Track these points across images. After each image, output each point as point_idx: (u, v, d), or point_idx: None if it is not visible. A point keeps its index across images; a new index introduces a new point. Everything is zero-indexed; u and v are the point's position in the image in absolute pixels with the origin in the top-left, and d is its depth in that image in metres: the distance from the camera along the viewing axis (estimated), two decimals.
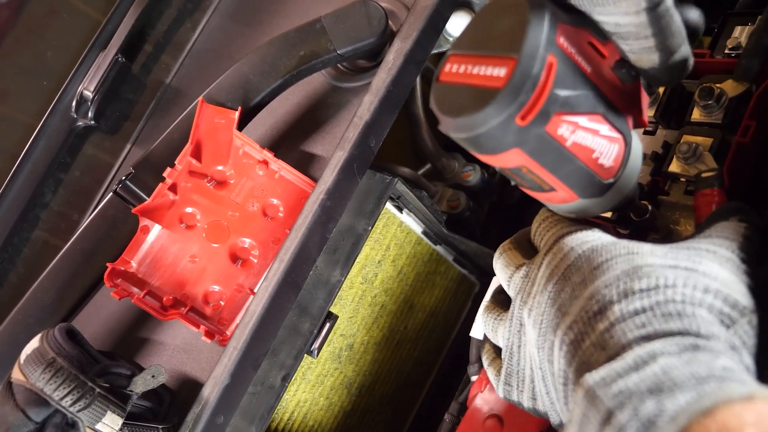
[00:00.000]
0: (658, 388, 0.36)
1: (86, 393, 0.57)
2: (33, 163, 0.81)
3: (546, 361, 0.49)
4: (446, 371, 1.02)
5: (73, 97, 0.82)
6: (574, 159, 0.46)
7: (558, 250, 0.51)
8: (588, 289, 0.45)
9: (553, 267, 0.50)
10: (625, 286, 0.43)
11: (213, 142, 0.72)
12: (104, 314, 0.77)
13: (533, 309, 0.51)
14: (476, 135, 0.42)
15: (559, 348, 0.46)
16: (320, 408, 0.84)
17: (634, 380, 0.37)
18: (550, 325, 0.48)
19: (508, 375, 0.55)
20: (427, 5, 0.72)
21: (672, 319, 0.41)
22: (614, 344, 0.41)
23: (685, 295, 0.42)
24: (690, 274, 0.43)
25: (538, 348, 0.50)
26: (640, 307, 0.42)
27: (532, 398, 0.53)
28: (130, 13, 0.83)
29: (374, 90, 0.70)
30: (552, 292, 0.49)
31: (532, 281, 0.53)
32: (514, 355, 0.54)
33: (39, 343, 0.59)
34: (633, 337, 0.41)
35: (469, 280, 1.01)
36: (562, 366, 0.45)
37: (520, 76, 0.40)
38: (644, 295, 0.42)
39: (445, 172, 1.00)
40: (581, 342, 0.43)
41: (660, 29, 0.43)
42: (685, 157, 0.60)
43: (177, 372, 0.73)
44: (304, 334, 0.72)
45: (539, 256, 0.54)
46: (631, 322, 0.41)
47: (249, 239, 0.73)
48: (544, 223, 0.56)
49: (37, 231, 0.82)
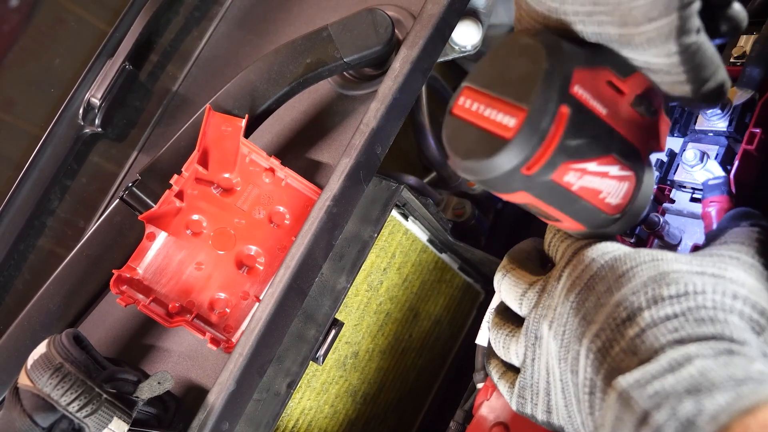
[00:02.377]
0: (696, 389, 0.36)
1: (93, 399, 0.57)
2: (40, 169, 0.81)
3: (569, 372, 0.48)
4: (451, 380, 1.02)
5: (81, 104, 0.82)
6: (580, 200, 0.46)
7: (579, 262, 0.50)
8: (614, 296, 0.45)
9: (575, 278, 0.50)
10: (654, 293, 0.43)
11: (220, 149, 0.72)
12: (110, 321, 0.78)
13: (554, 321, 0.50)
14: (483, 180, 0.43)
15: (585, 357, 0.45)
16: (325, 416, 0.84)
17: (670, 382, 0.37)
18: (574, 334, 0.47)
19: (522, 388, 0.54)
20: (433, 14, 0.73)
21: (705, 324, 0.40)
22: (646, 349, 0.41)
23: (715, 302, 0.42)
24: (718, 280, 0.43)
25: (560, 359, 0.49)
26: (672, 313, 0.41)
27: (547, 411, 0.52)
28: (137, 21, 0.84)
29: (381, 97, 0.70)
30: (575, 303, 0.48)
31: (551, 294, 0.52)
32: (528, 369, 0.53)
33: (46, 349, 0.59)
34: (666, 341, 0.40)
35: (474, 289, 1.01)
36: (588, 374, 0.44)
37: (529, 130, 0.41)
38: (674, 301, 0.42)
39: (450, 180, 1.00)
40: (610, 349, 0.43)
41: (692, 66, 0.43)
42: (691, 165, 0.60)
43: (182, 379, 0.72)
44: (310, 341, 0.72)
45: (557, 269, 0.53)
46: (663, 326, 0.41)
47: (255, 246, 0.73)
48: (558, 234, 0.55)
49: (43, 238, 0.83)
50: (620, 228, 0.51)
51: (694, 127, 0.63)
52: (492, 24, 1.05)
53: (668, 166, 0.64)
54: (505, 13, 1.02)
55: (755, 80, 0.60)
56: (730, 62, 0.68)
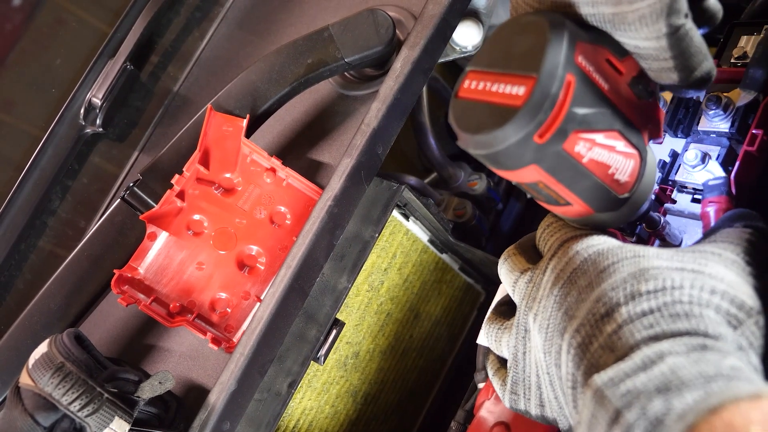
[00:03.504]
0: (666, 387, 0.36)
1: (94, 398, 0.57)
2: (41, 169, 0.81)
3: (553, 366, 0.49)
4: (451, 380, 1.02)
5: (82, 104, 0.82)
6: (591, 175, 0.46)
7: (563, 254, 0.51)
8: (594, 292, 0.46)
9: (559, 271, 0.50)
10: (632, 288, 0.43)
11: (221, 149, 0.72)
12: (111, 320, 0.78)
13: (539, 314, 0.51)
14: (495, 152, 0.43)
15: (566, 351, 0.46)
16: (326, 416, 0.84)
17: (642, 380, 0.37)
18: (557, 328, 0.48)
19: (514, 383, 0.55)
20: (434, 14, 0.73)
21: (680, 319, 0.41)
22: (622, 345, 0.41)
23: (692, 296, 0.42)
24: (696, 275, 0.44)
25: (545, 353, 0.50)
26: (648, 309, 0.42)
27: (540, 405, 0.53)
28: (138, 22, 0.84)
29: (382, 97, 0.70)
30: (558, 296, 0.49)
31: (537, 286, 0.53)
32: (520, 363, 0.54)
33: (47, 348, 0.59)
34: (641, 338, 0.41)
35: (475, 290, 1.01)
36: (570, 369, 0.45)
37: (539, 95, 0.41)
38: (651, 296, 0.42)
39: (451, 180, 1.00)
40: (589, 345, 0.44)
41: (680, 52, 0.44)
42: (693, 165, 0.60)
43: (183, 379, 0.72)
44: (311, 341, 0.72)
45: (544, 261, 0.54)
46: (638, 323, 0.42)
47: (256, 246, 0.73)
48: (549, 228, 0.56)
49: (44, 238, 0.83)
50: (627, 214, 0.51)
51: (696, 128, 0.64)
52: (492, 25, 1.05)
53: (670, 166, 0.64)
54: (505, 14, 1.02)
55: (758, 82, 0.60)
56: (731, 63, 0.68)
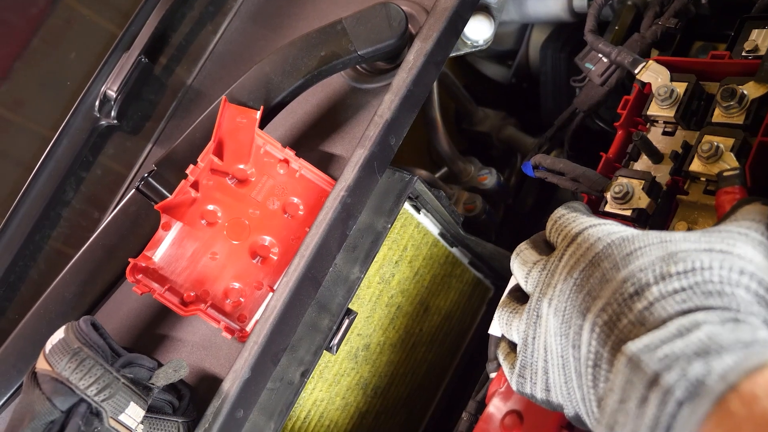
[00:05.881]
0: (705, 351, 0.37)
1: (111, 383, 0.57)
2: (56, 161, 0.82)
3: (570, 347, 0.49)
4: (460, 375, 1.02)
5: (97, 96, 0.83)
6: None
7: (583, 240, 0.52)
8: (621, 273, 0.46)
9: (579, 256, 0.51)
10: (662, 270, 0.44)
11: (235, 140, 0.73)
12: (125, 310, 0.78)
13: (554, 298, 0.51)
14: None
15: (590, 330, 0.46)
16: (336, 408, 0.84)
17: (679, 345, 0.38)
18: (577, 309, 0.48)
19: (522, 367, 0.55)
20: (447, 7, 0.73)
21: (712, 296, 0.41)
22: (654, 320, 0.42)
23: (722, 276, 0.43)
24: (725, 256, 0.44)
25: (562, 335, 0.50)
26: (680, 287, 0.43)
27: (546, 390, 0.53)
28: (153, 16, 0.85)
29: (395, 89, 0.71)
30: (578, 279, 0.50)
31: (552, 272, 0.53)
32: (529, 347, 0.55)
33: (65, 334, 0.59)
34: (674, 311, 0.41)
35: (484, 284, 1.01)
36: (593, 348, 0.45)
37: None
38: (682, 276, 0.43)
39: (461, 175, 1.01)
40: (617, 321, 0.44)
41: None
42: (707, 156, 0.60)
43: (196, 368, 0.73)
44: (323, 331, 0.72)
45: (559, 249, 0.54)
46: (671, 299, 0.42)
47: (269, 237, 0.73)
48: (561, 220, 0.57)
49: (58, 228, 0.83)
50: None
51: (710, 119, 0.64)
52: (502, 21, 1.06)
53: (683, 158, 0.64)
54: (515, 10, 1.02)
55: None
56: (742, 56, 0.68)
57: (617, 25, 0.90)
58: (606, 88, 0.79)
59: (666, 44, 0.81)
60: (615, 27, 0.90)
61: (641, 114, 0.69)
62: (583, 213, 0.58)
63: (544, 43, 1.03)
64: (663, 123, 0.68)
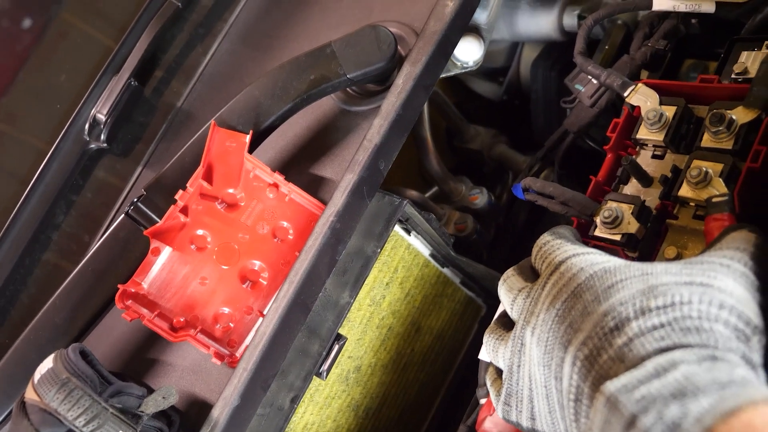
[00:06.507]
0: (681, 393, 0.37)
1: (99, 413, 0.57)
2: (46, 184, 0.82)
3: (552, 378, 0.49)
4: (453, 394, 1.02)
5: (86, 120, 0.83)
6: None
7: (566, 270, 0.52)
8: (602, 306, 0.46)
9: (561, 286, 0.51)
10: (642, 304, 0.44)
11: (224, 165, 0.73)
12: (115, 335, 0.78)
13: (536, 327, 0.51)
14: None
15: (571, 364, 0.46)
16: (327, 430, 0.84)
17: (656, 386, 0.38)
18: (559, 341, 0.48)
19: (507, 395, 0.55)
20: (436, 30, 0.74)
21: (690, 333, 0.41)
22: (633, 356, 0.42)
23: (701, 311, 0.43)
24: (705, 289, 0.44)
25: (544, 365, 0.50)
26: (658, 323, 0.43)
27: (531, 418, 0.53)
28: (142, 38, 0.85)
29: (384, 113, 0.71)
30: (560, 310, 0.50)
31: (535, 301, 0.53)
32: (514, 375, 0.54)
33: (53, 363, 0.59)
34: (652, 349, 0.41)
35: (476, 303, 1.01)
36: (574, 382, 0.46)
37: None
38: (661, 311, 0.43)
39: (452, 195, 1.01)
40: (597, 357, 0.44)
41: None
42: (696, 182, 0.60)
43: (186, 393, 0.73)
44: (313, 356, 0.72)
45: (542, 277, 0.54)
46: (650, 335, 0.42)
47: (259, 261, 0.73)
48: (545, 247, 0.57)
49: (48, 252, 0.83)
50: None
51: (699, 144, 0.64)
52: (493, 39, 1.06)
53: (672, 182, 0.64)
54: (506, 29, 1.03)
55: (762, 99, 0.61)
56: (731, 78, 0.69)
57: (607, 45, 0.91)
58: (596, 109, 0.79)
59: (656, 65, 0.81)
60: (605, 47, 0.90)
61: (630, 137, 0.69)
62: (568, 240, 0.58)
63: (534, 61, 1.03)
64: (652, 146, 0.69)
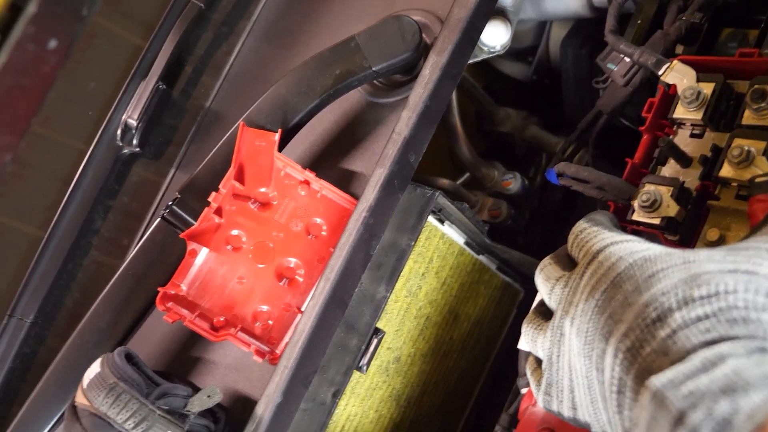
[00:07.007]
0: (731, 388, 0.36)
1: (147, 416, 0.59)
2: (83, 191, 0.84)
3: (594, 369, 0.48)
4: (493, 379, 1.01)
5: (118, 125, 0.84)
6: None
7: (604, 259, 0.50)
8: (643, 296, 0.45)
9: (600, 276, 0.50)
10: (684, 294, 0.43)
11: (255, 164, 0.73)
12: (157, 335, 0.79)
13: (576, 318, 0.50)
14: None
15: (613, 356, 0.45)
16: (370, 421, 0.85)
17: (704, 381, 0.37)
18: (599, 332, 0.48)
19: (548, 385, 0.55)
20: (460, 17, 0.72)
21: (737, 324, 0.40)
22: (678, 350, 0.41)
23: (747, 301, 0.41)
24: (751, 277, 0.42)
25: (584, 356, 0.49)
26: (703, 314, 0.41)
27: (572, 408, 0.53)
28: (168, 41, 0.85)
29: (412, 105, 0.70)
30: (600, 300, 0.49)
31: (574, 290, 0.52)
32: (554, 365, 0.54)
33: (100, 368, 0.61)
34: (698, 342, 0.40)
35: (513, 288, 1.00)
36: (617, 374, 0.45)
37: None
38: (705, 302, 0.42)
39: (484, 181, 1.00)
40: (640, 349, 0.43)
41: None
42: (737, 161, 0.58)
43: (230, 390, 0.74)
44: (352, 351, 0.72)
45: (580, 266, 0.53)
46: (694, 327, 0.41)
47: (294, 259, 0.74)
48: (582, 235, 0.55)
49: (89, 257, 0.85)
50: None
51: (740, 121, 0.62)
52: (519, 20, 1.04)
53: (712, 162, 0.62)
54: (532, 9, 1.00)
55: None
56: None
57: (639, 19, 0.88)
58: (630, 88, 0.77)
59: (692, 39, 0.78)
60: (637, 21, 0.87)
61: (667, 117, 0.68)
62: (605, 227, 0.56)
63: (564, 40, 1.01)
64: (690, 125, 0.66)
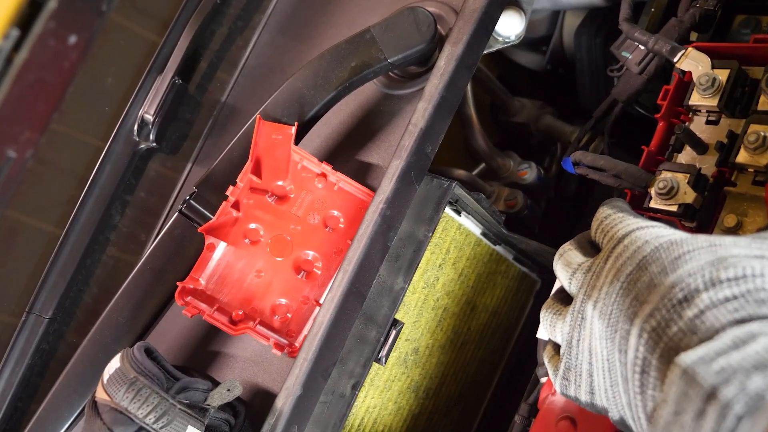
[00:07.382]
0: (763, 365, 0.36)
1: (168, 410, 0.59)
2: (100, 186, 0.84)
3: (616, 351, 0.48)
4: (511, 370, 1.01)
5: (135, 120, 0.85)
6: None
7: (630, 243, 0.51)
8: (669, 277, 0.45)
9: (626, 259, 0.50)
10: (711, 276, 0.43)
11: (272, 158, 0.74)
12: (176, 330, 0.80)
13: (599, 301, 0.51)
14: None
15: (637, 336, 0.45)
16: (389, 413, 0.85)
17: (735, 358, 0.37)
18: (624, 314, 0.48)
19: (566, 369, 0.55)
20: (475, 8, 0.72)
21: (765, 305, 0.41)
22: (707, 328, 0.41)
23: None
24: None
25: (607, 339, 0.49)
26: (731, 295, 0.42)
27: (590, 393, 0.53)
28: (183, 36, 0.86)
29: (427, 96, 0.70)
30: (625, 283, 0.49)
31: (597, 274, 0.52)
32: (573, 349, 0.54)
33: (120, 363, 0.61)
34: (726, 321, 0.41)
35: (530, 278, 1.00)
36: (641, 354, 0.45)
37: None
38: (733, 283, 0.42)
39: (500, 171, 0.99)
40: (666, 328, 0.43)
41: None
42: (754, 147, 0.58)
43: (249, 383, 0.74)
44: (371, 342, 0.72)
45: (605, 251, 0.53)
46: (723, 307, 0.41)
47: (312, 251, 0.74)
48: (607, 221, 0.56)
49: (107, 252, 0.86)
50: None
51: (755, 107, 0.61)
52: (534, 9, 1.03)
53: (729, 148, 0.62)
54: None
55: None
56: None
57: (653, 7, 0.87)
58: (645, 76, 0.77)
59: (705, 26, 0.78)
60: (651, 9, 0.87)
61: (683, 104, 0.67)
62: (630, 213, 0.57)
63: (578, 29, 1.00)
64: (706, 112, 0.66)
